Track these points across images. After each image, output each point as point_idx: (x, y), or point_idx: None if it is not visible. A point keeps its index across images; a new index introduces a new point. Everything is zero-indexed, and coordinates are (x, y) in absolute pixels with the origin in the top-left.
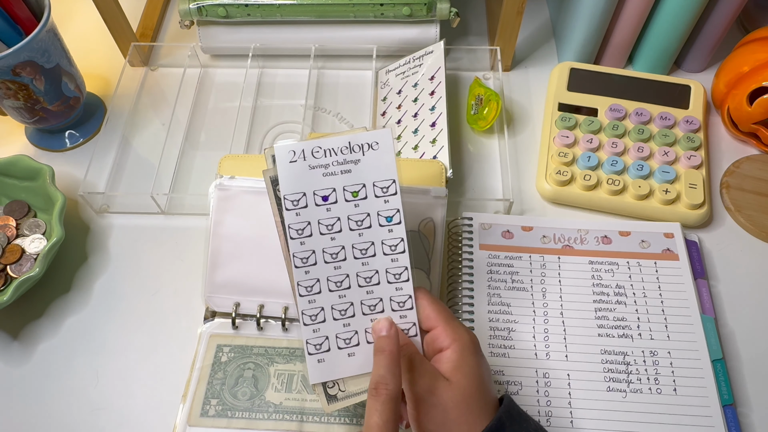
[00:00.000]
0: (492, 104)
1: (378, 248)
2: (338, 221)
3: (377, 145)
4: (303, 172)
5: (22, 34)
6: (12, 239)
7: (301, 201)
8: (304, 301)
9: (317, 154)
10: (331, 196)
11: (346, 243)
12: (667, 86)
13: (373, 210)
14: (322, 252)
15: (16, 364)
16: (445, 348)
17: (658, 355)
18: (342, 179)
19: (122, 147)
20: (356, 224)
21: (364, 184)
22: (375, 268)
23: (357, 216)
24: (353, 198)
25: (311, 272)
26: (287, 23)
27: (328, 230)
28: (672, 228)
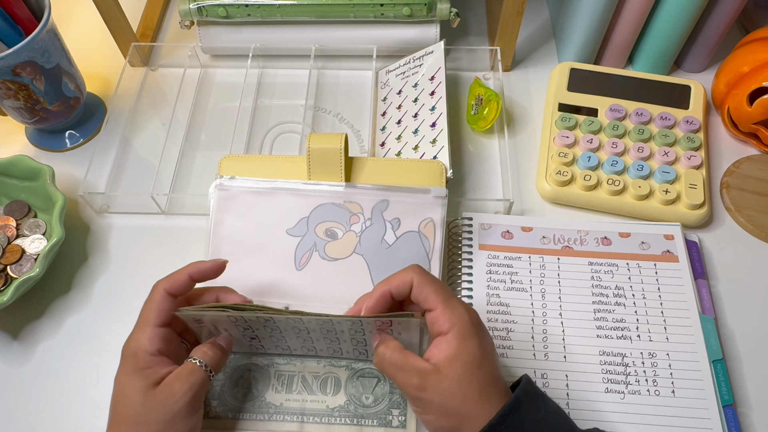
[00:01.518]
0: (492, 104)
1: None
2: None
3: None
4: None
5: (22, 34)
6: (12, 239)
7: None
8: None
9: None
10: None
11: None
12: (667, 86)
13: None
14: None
15: (16, 364)
16: (444, 332)
17: (657, 357)
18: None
19: (122, 147)
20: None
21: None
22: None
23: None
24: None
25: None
26: (287, 23)
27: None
28: (672, 230)
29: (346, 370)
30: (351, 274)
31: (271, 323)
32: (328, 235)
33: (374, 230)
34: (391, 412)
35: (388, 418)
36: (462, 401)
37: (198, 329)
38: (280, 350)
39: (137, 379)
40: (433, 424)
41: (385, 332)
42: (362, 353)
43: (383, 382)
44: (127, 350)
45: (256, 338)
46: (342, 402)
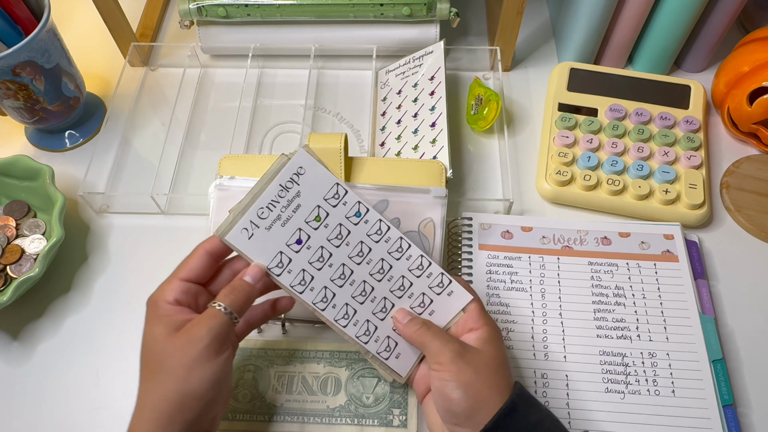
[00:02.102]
0: (492, 104)
1: (368, 242)
2: (323, 249)
3: (302, 169)
4: (264, 237)
5: (22, 34)
6: (12, 239)
7: (283, 260)
8: (351, 327)
9: (263, 215)
10: (302, 236)
11: (344, 260)
12: (667, 86)
13: (341, 218)
14: (331, 281)
15: (16, 364)
16: (475, 329)
17: (657, 357)
18: (299, 216)
19: (122, 147)
20: (338, 239)
21: (318, 205)
22: (378, 257)
23: (333, 233)
24: (319, 223)
25: (336, 303)
26: (287, 23)
27: (321, 262)
28: (672, 229)
29: (347, 370)
30: None
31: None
32: None
33: None
34: (392, 412)
35: (389, 418)
36: (484, 386)
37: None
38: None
39: (157, 325)
40: (452, 402)
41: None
42: (384, 309)
43: (383, 382)
44: (150, 300)
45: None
46: (342, 402)
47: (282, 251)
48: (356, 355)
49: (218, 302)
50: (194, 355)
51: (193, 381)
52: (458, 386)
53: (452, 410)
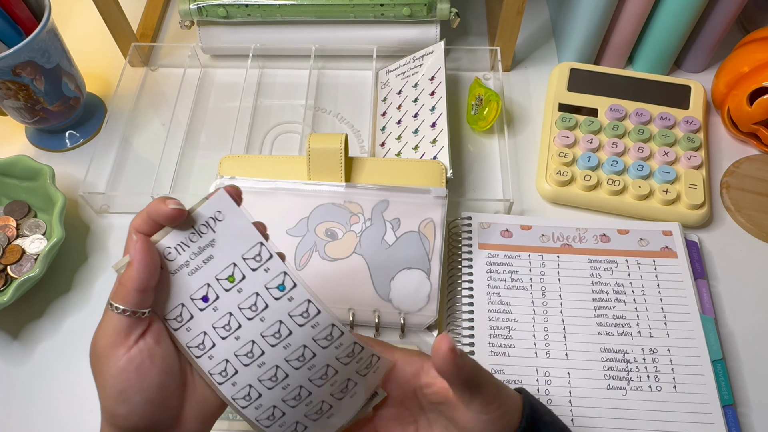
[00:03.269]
0: (492, 104)
1: (290, 323)
2: (231, 316)
3: (220, 214)
4: (167, 281)
5: (22, 34)
6: (12, 239)
7: (183, 314)
8: (251, 409)
9: (170, 256)
10: (209, 294)
11: (253, 336)
12: (667, 86)
13: (259, 286)
14: (236, 357)
15: (16, 364)
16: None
17: (658, 353)
18: (209, 269)
19: (122, 147)
20: (251, 311)
21: (234, 263)
22: (299, 343)
23: (246, 302)
24: (232, 284)
25: (238, 381)
26: (287, 23)
27: (227, 331)
28: (670, 226)
29: None
30: (351, 274)
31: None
32: (328, 236)
33: (374, 230)
34: None
35: None
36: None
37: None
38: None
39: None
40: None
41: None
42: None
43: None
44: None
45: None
46: None
47: (184, 304)
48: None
49: (109, 300)
50: (96, 363)
51: (103, 389)
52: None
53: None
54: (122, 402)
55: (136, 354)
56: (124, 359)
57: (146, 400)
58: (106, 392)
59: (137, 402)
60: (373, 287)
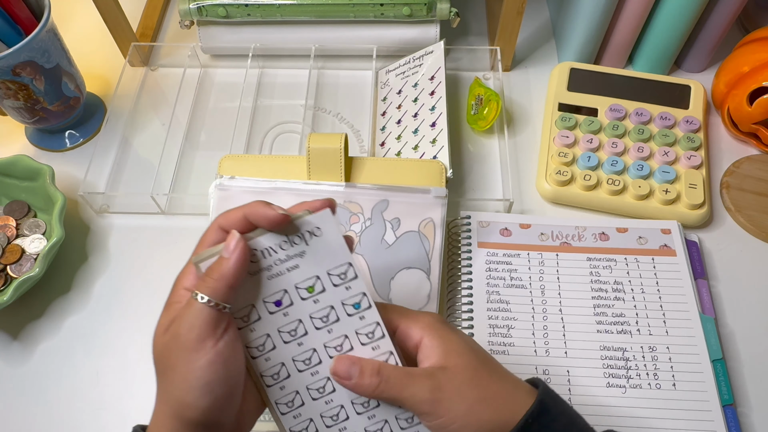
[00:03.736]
0: (492, 104)
1: (354, 340)
2: (300, 324)
3: (319, 230)
4: (244, 281)
5: (22, 34)
6: (12, 239)
7: (251, 315)
8: (289, 417)
9: (253, 258)
10: (284, 299)
11: (316, 345)
12: (667, 86)
13: (336, 301)
14: (293, 361)
15: (16, 364)
16: (418, 340)
17: (657, 351)
18: (291, 277)
19: (122, 147)
20: (321, 321)
21: (318, 275)
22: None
23: (320, 313)
24: (310, 294)
25: (287, 386)
26: (287, 23)
27: (292, 336)
28: (669, 224)
29: None
30: None
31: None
32: None
33: (374, 230)
34: None
35: None
36: (486, 385)
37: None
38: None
39: (164, 315)
40: (466, 430)
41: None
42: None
43: None
44: (175, 281)
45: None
46: None
47: (255, 305)
48: None
49: (195, 291)
50: (178, 358)
51: (185, 380)
52: (462, 422)
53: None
54: (206, 394)
55: (223, 347)
56: (213, 352)
57: (227, 393)
58: (188, 384)
59: (219, 395)
60: (373, 287)
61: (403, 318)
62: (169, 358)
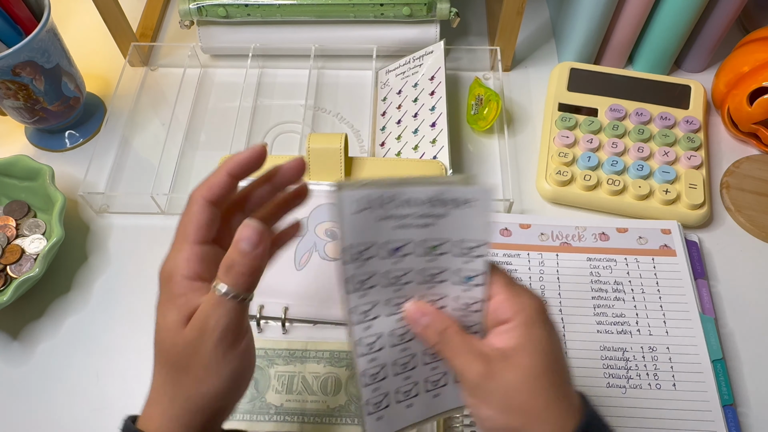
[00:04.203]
0: (492, 104)
1: (452, 306)
2: (406, 274)
3: (468, 203)
4: (371, 223)
5: (22, 34)
6: (12, 239)
7: (365, 252)
8: (365, 360)
9: (388, 204)
10: (404, 248)
11: (413, 294)
12: (667, 86)
13: (451, 266)
14: (385, 303)
15: (16, 364)
16: (507, 320)
17: (657, 351)
18: (420, 232)
19: (122, 147)
20: (430, 278)
21: (451, 241)
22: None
23: (432, 269)
24: (431, 251)
25: (373, 327)
26: (287, 23)
27: (393, 282)
28: (669, 224)
29: (347, 370)
30: None
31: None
32: (328, 236)
33: None
34: None
35: None
36: (531, 397)
37: None
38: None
39: (171, 310)
40: (491, 422)
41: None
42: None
43: None
44: (163, 273)
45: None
46: (343, 402)
47: (374, 244)
48: None
49: (219, 284)
50: (208, 353)
51: (212, 380)
52: (494, 415)
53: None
54: (237, 387)
55: (240, 360)
56: (244, 344)
57: (248, 381)
58: (221, 379)
59: (243, 385)
60: None
61: (503, 290)
62: (193, 355)
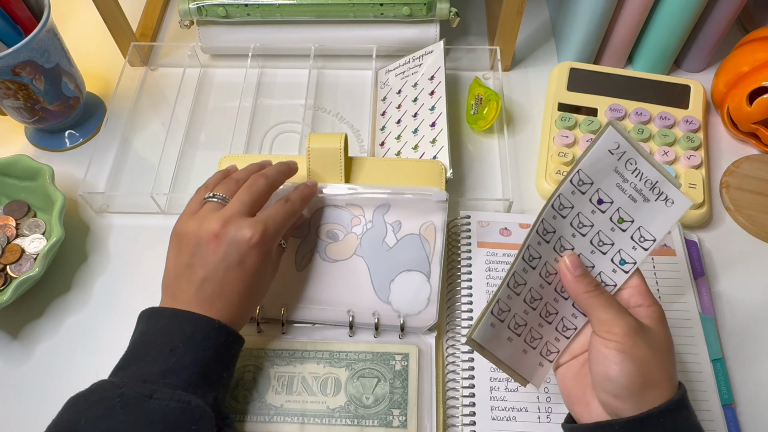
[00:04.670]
0: (492, 104)
1: (595, 273)
2: (591, 228)
3: (671, 203)
4: (608, 166)
5: (22, 34)
6: (12, 239)
7: (583, 186)
8: (506, 291)
9: (629, 165)
10: (605, 206)
11: (578, 247)
12: (667, 86)
13: (620, 244)
14: (559, 240)
15: (16, 364)
16: (644, 305)
17: None
18: (624, 200)
19: (122, 147)
20: (599, 242)
21: (634, 220)
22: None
23: (605, 237)
24: (616, 223)
25: (540, 253)
26: (287, 23)
27: (577, 227)
28: None
29: (347, 371)
30: (351, 275)
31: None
32: (329, 237)
33: (375, 232)
34: (392, 413)
35: (389, 419)
36: (661, 367)
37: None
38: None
39: (266, 266)
40: (621, 375)
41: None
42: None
43: (383, 382)
44: (268, 239)
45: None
46: (342, 403)
47: (592, 183)
48: (356, 355)
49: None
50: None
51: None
52: (632, 361)
53: (618, 382)
54: (262, 295)
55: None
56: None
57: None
58: (260, 299)
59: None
60: (372, 289)
61: (641, 283)
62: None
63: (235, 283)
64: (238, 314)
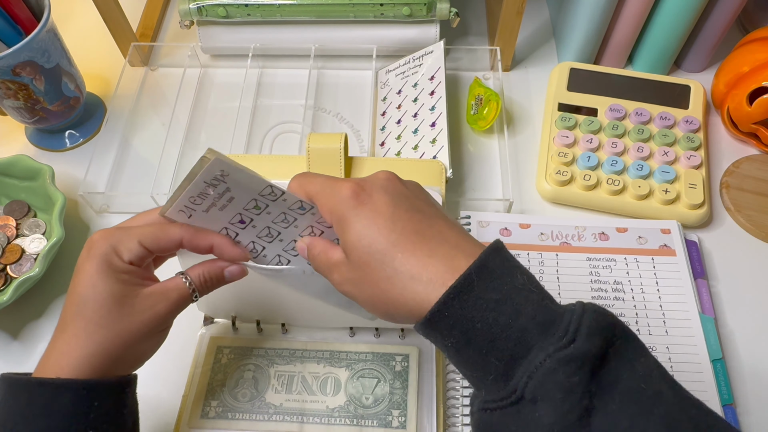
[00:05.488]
0: (492, 104)
1: (315, 230)
2: (269, 228)
3: (224, 172)
4: (204, 217)
5: (22, 34)
6: (12, 239)
7: (230, 233)
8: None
9: (195, 202)
10: (244, 218)
11: (294, 237)
12: (667, 86)
13: (284, 209)
14: (283, 252)
15: (16, 364)
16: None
17: (657, 351)
18: (236, 204)
19: (122, 147)
20: (284, 223)
21: (255, 198)
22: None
23: (278, 218)
24: (259, 210)
25: (268, 255)
26: (287, 23)
27: (271, 238)
28: (669, 224)
29: (347, 371)
30: None
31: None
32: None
33: None
34: (391, 413)
35: (388, 419)
36: (384, 279)
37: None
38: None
39: (114, 282)
40: (379, 309)
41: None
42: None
43: (383, 382)
44: (105, 243)
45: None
46: (342, 402)
47: (227, 228)
48: (356, 355)
49: (187, 275)
50: (149, 328)
51: (139, 348)
52: (358, 299)
53: (370, 315)
54: (148, 354)
55: (162, 340)
56: (156, 342)
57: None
58: (146, 354)
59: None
60: None
61: (320, 197)
62: (126, 326)
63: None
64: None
